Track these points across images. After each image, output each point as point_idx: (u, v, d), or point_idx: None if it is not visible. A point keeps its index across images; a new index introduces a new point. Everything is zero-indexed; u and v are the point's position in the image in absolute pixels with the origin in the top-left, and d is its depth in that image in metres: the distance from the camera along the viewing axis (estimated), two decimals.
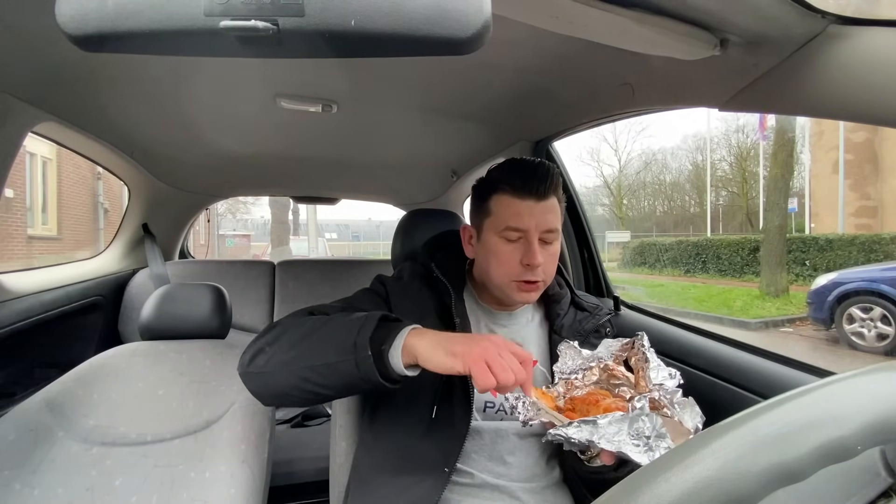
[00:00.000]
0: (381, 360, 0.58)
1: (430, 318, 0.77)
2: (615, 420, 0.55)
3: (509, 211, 0.73)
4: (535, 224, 0.73)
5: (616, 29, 0.61)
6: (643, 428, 0.54)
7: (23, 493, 0.78)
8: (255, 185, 2.22)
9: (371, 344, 0.58)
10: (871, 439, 0.25)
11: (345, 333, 0.60)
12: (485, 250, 0.77)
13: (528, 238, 0.73)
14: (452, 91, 1.10)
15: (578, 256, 1.44)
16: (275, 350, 0.63)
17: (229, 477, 0.85)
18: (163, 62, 0.92)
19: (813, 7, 0.55)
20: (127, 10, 0.31)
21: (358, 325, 0.60)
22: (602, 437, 0.55)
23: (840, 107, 0.60)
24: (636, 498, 0.23)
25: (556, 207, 0.76)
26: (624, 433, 0.54)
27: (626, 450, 0.53)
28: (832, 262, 7.30)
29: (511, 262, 0.74)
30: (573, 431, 0.56)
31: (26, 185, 6.36)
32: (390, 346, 0.59)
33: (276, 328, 0.67)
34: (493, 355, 0.55)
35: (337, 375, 0.60)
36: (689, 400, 0.60)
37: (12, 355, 1.19)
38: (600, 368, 0.70)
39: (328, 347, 0.60)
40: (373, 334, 0.59)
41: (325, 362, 0.60)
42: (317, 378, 0.60)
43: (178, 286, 1.07)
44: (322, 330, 0.63)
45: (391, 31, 0.32)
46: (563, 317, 0.83)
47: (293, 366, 0.61)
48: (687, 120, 63.56)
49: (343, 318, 0.64)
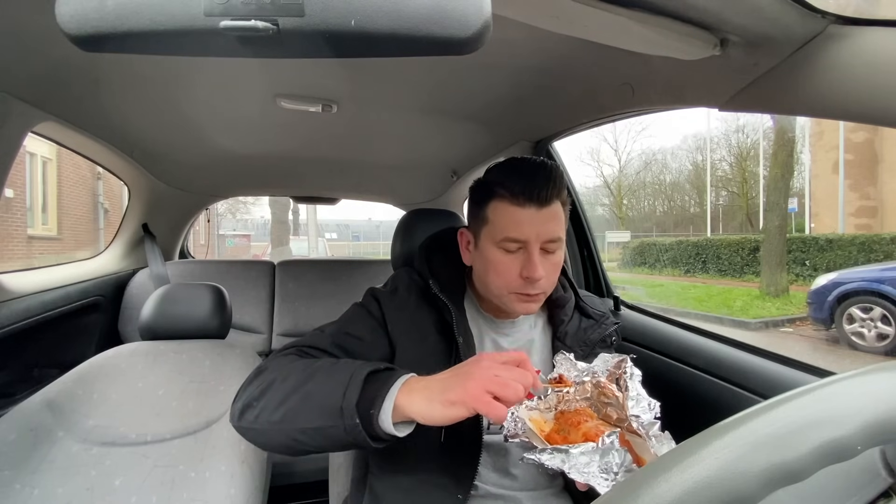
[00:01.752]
0: (370, 423, 0.53)
1: (432, 337, 0.74)
2: (587, 451, 0.56)
3: (508, 220, 0.68)
4: (536, 234, 0.67)
5: (616, 29, 0.61)
6: (612, 462, 0.55)
7: (23, 493, 0.78)
8: (255, 185, 2.22)
9: (359, 407, 0.53)
10: (871, 439, 0.25)
11: (331, 393, 0.55)
12: (482, 260, 0.72)
13: (529, 249, 0.67)
14: (452, 91, 1.10)
15: (578, 256, 1.44)
16: (262, 407, 0.59)
17: (229, 477, 0.85)
18: (163, 62, 0.92)
19: (813, 7, 0.55)
20: (127, 10, 0.31)
21: (344, 383, 0.55)
22: (573, 466, 0.55)
23: (840, 107, 0.60)
24: (636, 498, 0.23)
25: (558, 214, 0.69)
26: (594, 465, 0.55)
27: (594, 483, 0.53)
28: (832, 262, 7.30)
29: (510, 275, 0.69)
30: (546, 458, 0.57)
31: (26, 185, 6.37)
32: (379, 409, 0.53)
33: (261, 375, 0.63)
34: (491, 381, 0.51)
35: (326, 439, 0.56)
36: (665, 434, 0.60)
37: (12, 355, 1.19)
38: (593, 385, 0.69)
39: (314, 409, 0.56)
40: (360, 395, 0.54)
41: (312, 426, 0.55)
42: (307, 440, 0.57)
43: (178, 286, 1.07)
44: (308, 385, 0.58)
45: (391, 31, 0.32)
46: (567, 323, 0.79)
47: (283, 427, 0.57)
48: (687, 120, 63.55)
49: (330, 370, 0.59)
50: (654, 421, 0.61)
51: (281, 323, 1.87)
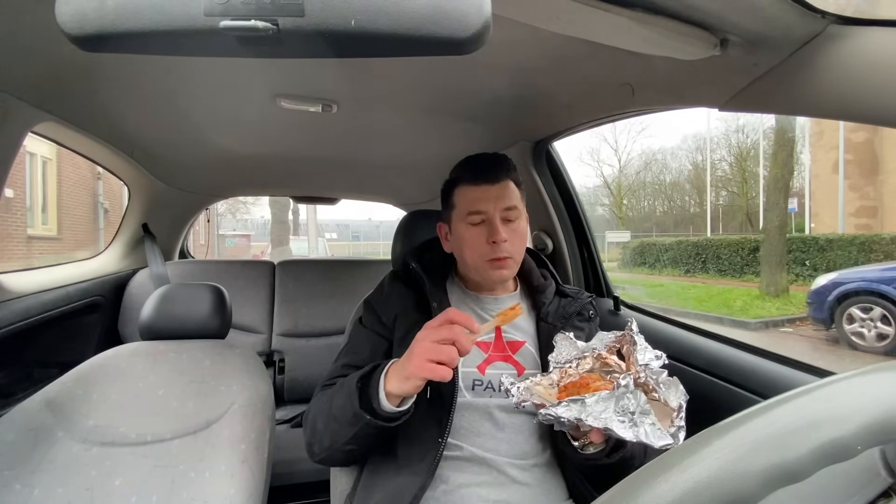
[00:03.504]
0: (378, 414, 0.66)
1: (411, 313, 0.83)
2: (602, 398, 0.58)
3: (469, 197, 0.81)
4: (494, 205, 0.80)
5: (616, 29, 0.61)
6: (628, 405, 0.57)
7: (23, 493, 0.78)
8: (255, 185, 2.22)
9: (363, 407, 0.66)
10: (871, 439, 0.25)
11: (346, 408, 0.68)
12: (456, 239, 0.85)
13: (490, 218, 0.80)
14: (452, 91, 1.10)
15: (578, 256, 1.44)
16: (318, 441, 0.75)
17: (229, 477, 0.85)
18: (163, 62, 0.92)
19: (813, 7, 0.55)
20: (127, 10, 0.31)
21: (347, 397, 0.69)
22: (589, 414, 0.57)
23: (840, 107, 0.60)
24: (636, 498, 0.23)
25: (512, 189, 0.82)
26: (610, 410, 0.57)
27: (612, 426, 0.56)
28: (832, 262, 7.29)
29: (478, 243, 0.80)
30: (562, 410, 0.59)
31: (26, 185, 6.36)
32: (378, 400, 0.66)
33: (309, 418, 0.78)
34: (427, 352, 0.61)
35: (363, 439, 0.69)
36: (673, 379, 0.63)
37: (12, 355, 1.19)
38: (594, 357, 0.73)
39: (343, 425, 0.69)
40: (361, 399, 0.67)
41: (350, 435, 0.69)
42: (355, 447, 0.71)
43: (178, 286, 1.07)
44: (332, 410, 0.72)
45: (391, 31, 0.32)
46: (548, 305, 0.87)
47: (335, 447, 0.72)
48: (687, 120, 63.55)
49: (340, 393, 0.72)
50: (661, 370, 0.64)
51: (281, 323, 1.87)
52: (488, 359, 0.81)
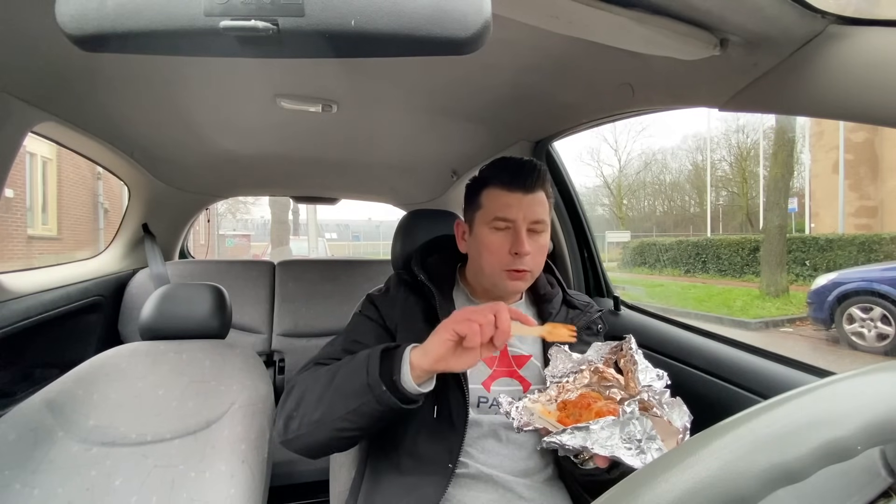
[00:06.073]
0: (396, 388, 0.62)
1: (418, 323, 0.80)
2: (607, 425, 0.56)
3: (498, 202, 0.77)
4: (524, 215, 0.76)
5: (616, 29, 0.61)
6: (634, 431, 0.55)
7: (23, 493, 0.78)
8: (255, 185, 2.22)
9: (382, 378, 0.62)
10: (871, 439, 0.25)
11: (356, 377, 0.64)
12: (476, 242, 0.81)
13: (517, 228, 0.76)
14: (452, 91, 1.10)
15: (578, 256, 1.44)
16: (302, 413, 0.68)
17: (229, 477, 0.85)
18: (163, 62, 0.92)
19: (813, 7, 0.55)
20: (127, 10, 0.31)
21: (364, 365, 0.64)
22: (595, 442, 0.56)
23: (840, 107, 0.60)
24: (636, 498, 0.23)
25: (543, 201, 0.79)
26: (616, 437, 0.56)
27: (619, 454, 0.55)
28: (832, 262, 7.29)
29: (500, 252, 0.77)
30: (567, 438, 0.58)
31: (26, 185, 6.36)
32: (399, 372, 0.62)
33: (293, 391, 0.71)
34: (454, 320, 0.60)
35: (364, 417, 0.63)
36: (676, 400, 0.61)
37: (12, 355, 1.19)
38: (591, 371, 0.71)
39: (348, 395, 0.64)
40: (381, 369, 0.63)
41: (349, 409, 0.63)
42: (348, 425, 0.65)
43: (178, 286, 1.07)
44: (336, 380, 0.67)
45: (391, 31, 0.32)
46: (555, 315, 0.85)
47: (325, 422, 0.66)
48: (687, 120, 63.55)
49: (351, 363, 0.68)
50: (665, 389, 0.62)
51: (281, 323, 1.87)
52: (493, 374, 0.79)
